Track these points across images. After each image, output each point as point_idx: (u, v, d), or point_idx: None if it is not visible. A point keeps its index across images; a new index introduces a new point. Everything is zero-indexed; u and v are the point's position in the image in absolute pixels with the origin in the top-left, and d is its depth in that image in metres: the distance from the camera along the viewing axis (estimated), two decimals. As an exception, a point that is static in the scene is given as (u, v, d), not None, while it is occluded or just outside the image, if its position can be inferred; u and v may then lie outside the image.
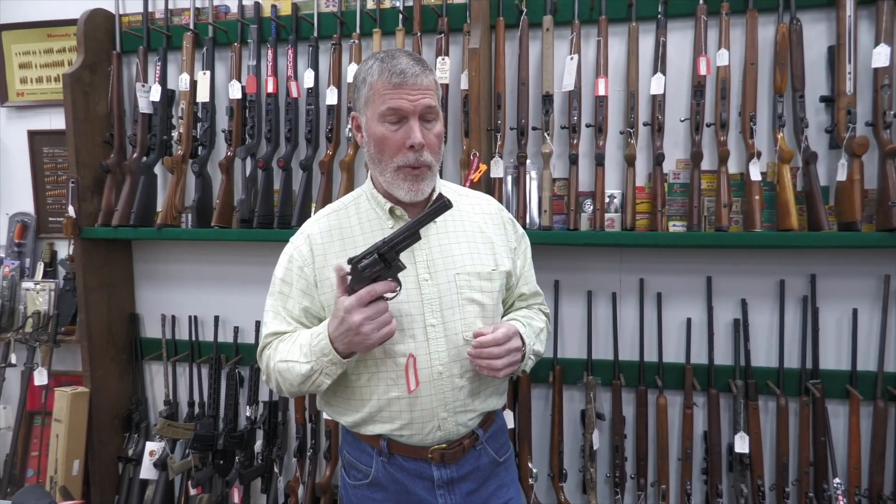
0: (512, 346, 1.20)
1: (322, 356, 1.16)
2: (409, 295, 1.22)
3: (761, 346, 1.92)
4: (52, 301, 2.40)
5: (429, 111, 1.19)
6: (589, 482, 1.96)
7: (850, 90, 1.72)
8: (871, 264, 1.84)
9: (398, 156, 1.19)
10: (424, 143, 1.18)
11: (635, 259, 2.00)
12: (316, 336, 1.18)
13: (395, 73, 1.17)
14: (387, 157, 1.21)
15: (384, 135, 1.19)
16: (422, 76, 1.18)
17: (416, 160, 1.19)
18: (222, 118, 2.21)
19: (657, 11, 1.87)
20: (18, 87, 2.48)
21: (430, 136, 1.20)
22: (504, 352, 1.19)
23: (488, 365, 1.18)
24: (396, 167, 1.20)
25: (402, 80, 1.16)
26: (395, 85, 1.17)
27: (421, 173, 1.21)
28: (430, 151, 1.21)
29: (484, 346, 1.18)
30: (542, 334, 1.38)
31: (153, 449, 2.27)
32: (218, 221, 2.13)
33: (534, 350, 1.32)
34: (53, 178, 2.48)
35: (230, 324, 2.32)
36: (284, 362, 1.22)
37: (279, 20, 2.13)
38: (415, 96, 1.17)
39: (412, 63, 1.19)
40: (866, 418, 1.82)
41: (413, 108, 1.17)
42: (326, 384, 1.21)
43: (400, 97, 1.17)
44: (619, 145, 1.96)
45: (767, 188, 1.84)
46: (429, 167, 1.22)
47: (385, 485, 1.28)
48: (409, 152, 1.18)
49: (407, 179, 1.21)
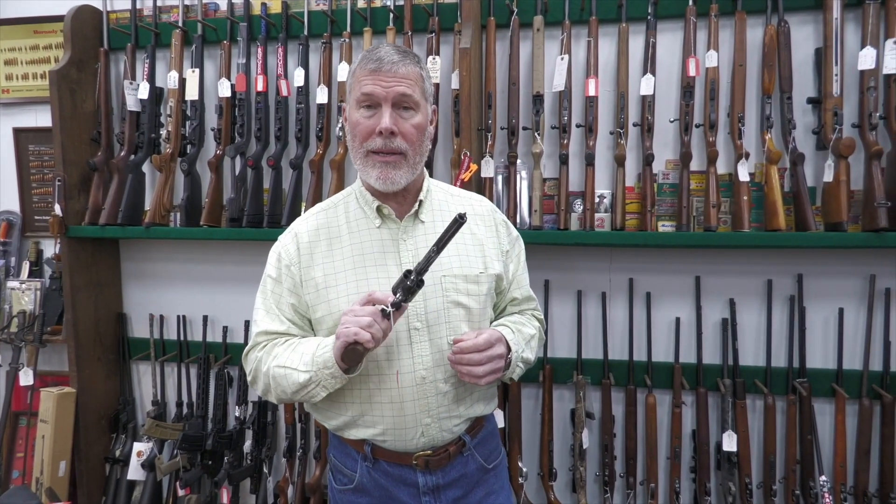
0: (494, 352, 1.17)
1: (324, 368, 1.15)
2: None
3: (749, 345, 1.94)
4: (38, 300, 2.37)
5: (404, 99, 1.17)
6: (578, 481, 1.97)
7: (836, 92, 1.74)
8: (857, 264, 1.86)
9: (368, 140, 1.18)
10: (395, 129, 1.16)
11: (625, 259, 2.01)
12: (322, 347, 1.17)
13: (371, 60, 1.17)
14: (358, 142, 1.20)
15: (357, 120, 1.19)
16: (400, 64, 1.17)
17: (385, 145, 1.17)
18: (211, 116, 2.19)
19: (647, 12, 1.88)
20: (4, 83, 2.45)
21: (404, 125, 1.18)
22: (485, 358, 1.16)
23: (469, 372, 1.16)
24: (366, 152, 1.19)
25: (377, 67, 1.16)
26: (371, 71, 1.16)
27: (392, 161, 1.18)
28: (406, 140, 1.18)
29: (464, 351, 1.15)
30: (532, 341, 1.35)
31: (141, 449, 2.25)
32: (207, 220, 2.11)
33: (522, 357, 1.29)
34: (39, 177, 2.45)
35: (219, 323, 2.30)
36: (282, 368, 1.20)
37: (269, 18, 2.12)
38: (388, 83, 1.16)
39: (392, 52, 1.18)
40: (852, 416, 1.84)
41: (385, 94, 1.16)
42: (321, 396, 1.19)
43: (374, 83, 1.16)
44: (609, 145, 1.97)
45: (755, 189, 1.86)
46: (403, 155, 1.19)
47: (370, 490, 1.26)
48: (377, 137, 1.17)
49: (376, 166, 1.19)
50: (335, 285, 1.23)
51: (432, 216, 1.29)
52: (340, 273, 1.23)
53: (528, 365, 1.34)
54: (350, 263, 1.23)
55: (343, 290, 1.22)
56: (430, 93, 1.25)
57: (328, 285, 1.23)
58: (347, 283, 1.22)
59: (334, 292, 1.22)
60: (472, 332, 1.20)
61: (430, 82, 1.25)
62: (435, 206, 1.31)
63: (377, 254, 1.24)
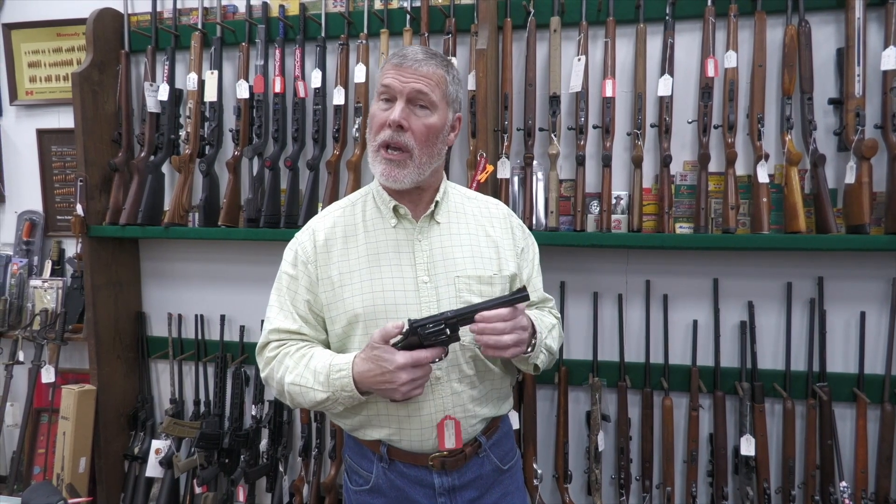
0: (518, 322, 1.13)
1: (342, 390, 1.16)
2: (406, 297, 1.21)
3: (768, 348, 1.92)
4: (60, 299, 2.41)
5: (419, 96, 1.18)
6: (594, 483, 1.96)
7: (858, 92, 1.71)
8: (880, 267, 1.83)
9: (380, 132, 1.19)
10: (404, 124, 1.16)
11: (642, 260, 2.00)
12: (336, 371, 1.17)
13: (398, 55, 1.20)
14: (373, 134, 1.21)
15: (374, 112, 1.21)
16: (423, 63, 1.18)
17: (392, 138, 1.17)
18: (230, 117, 2.21)
19: (665, 13, 1.87)
20: (28, 85, 2.49)
21: (416, 122, 1.18)
22: (510, 327, 1.11)
23: (495, 342, 1.10)
24: (377, 145, 1.20)
25: (400, 62, 1.18)
26: (394, 65, 1.19)
27: (397, 159, 1.18)
28: (414, 137, 1.18)
29: (488, 320, 1.10)
30: (553, 331, 1.34)
31: (159, 447, 2.28)
32: (225, 221, 2.13)
33: (546, 344, 1.26)
34: (62, 177, 2.49)
35: (236, 323, 2.32)
36: (297, 386, 1.20)
37: (287, 20, 2.14)
38: (407, 78, 1.17)
39: (420, 51, 1.20)
40: (873, 422, 1.81)
41: (402, 87, 1.17)
42: (339, 410, 1.22)
43: (394, 76, 1.18)
44: (626, 147, 1.96)
45: (775, 190, 1.83)
46: (409, 154, 1.18)
47: (385, 491, 1.26)
48: (387, 129, 1.17)
49: (382, 162, 1.19)
50: (349, 283, 1.23)
51: (448, 217, 1.29)
52: (355, 272, 1.24)
53: (550, 354, 1.31)
54: (365, 262, 1.24)
55: (357, 288, 1.22)
56: (454, 98, 1.24)
57: (343, 283, 1.24)
58: (362, 281, 1.22)
59: (349, 290, 1.23)
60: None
61: (457, 88, 1.25)
62: (451, 208, 1.31)
63: (392, 253, 1.24)
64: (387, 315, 1.20)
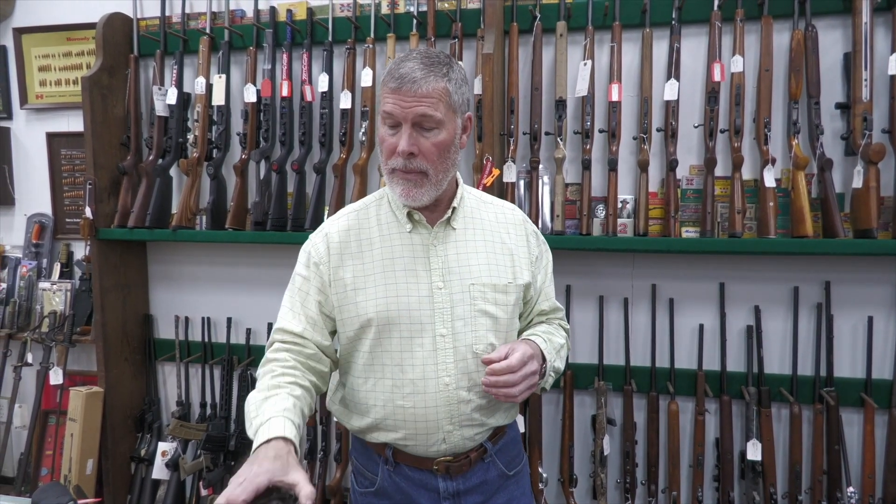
0: (528, 370, 1.15)
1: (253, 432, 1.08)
2: (420, 302, 1.20)
3: (774, 353, 1.92)
4: (68, 301, 2.43)
5: (424, 119, 1.14)
6: (599, 488, 1.95)
7: (866, 97, 1.71)
8: (887, 272, 1.82)
9: (391, 159, 1.18)
10: (413, 151, 1.14)
11: (648, 264, 2.00)
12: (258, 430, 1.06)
13: (394, 78, 1.14)
14: (384, 158, 1.20)
15: (383, 136, 1.19)
16: (422, 82, 1.12)
17: (405, 166, 1.16)
18: (237, 121, 2.23)
19: (671, 17, 1.87)
20: (38, 89, 2.52)
21: (425, 144, 1.15)
22: (520, 378, 1.14)
23: (505, 393, 1.14)
24: (390, 169, 1.19)
25: (398, 86, 1.13)
26: (392, 90, 1.14)
27: (413, 179, 1.17)
28: (426, 160, 1.16)
29: (498, 373, 1.12)
30: (562, 350, 1.34)
31: (165, 449, 2.29)
32: (232, 224, 2.14)
33: (554, 367, 1.28)
34: (71, 180, 2.51)
35: (243, 325, 2.33)
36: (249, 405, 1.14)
37: (294, 24, 2.15)
38: (408, 103, 1.13)
39: (417, 68, 1.14)
40: (881, 427, 1.81)
41: (404, 114, 1.14)
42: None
43: (394, 102, 1.14)
44: (633, 151, 1.96)
45: (782, 195, 1.83)
46: (424, 174, 1.17)
47: (391, 493, 1.26)
48: (398, 157, 1.16)
49: (399, 183, 1.18)
50: (364, 288, 1.22)
51: (464, 223, 1.28)
52: (370, 276, 1.23)
53: (557, 374, 1.33)
54: (380, 267, 1.23)
55: (371, 293, 1.22)
56: (460, 103, 1.21)
57: (357, 287, 1.23)
58: (376, 286, 1.22)
59: (363, 295, 1.22)
60: (502, 348, 1.17)
61: (461, 91, 1.20)
62: (467, 214, 1.30)
63: (407, 259, 1.23)
64: (400, 321, 1.20)
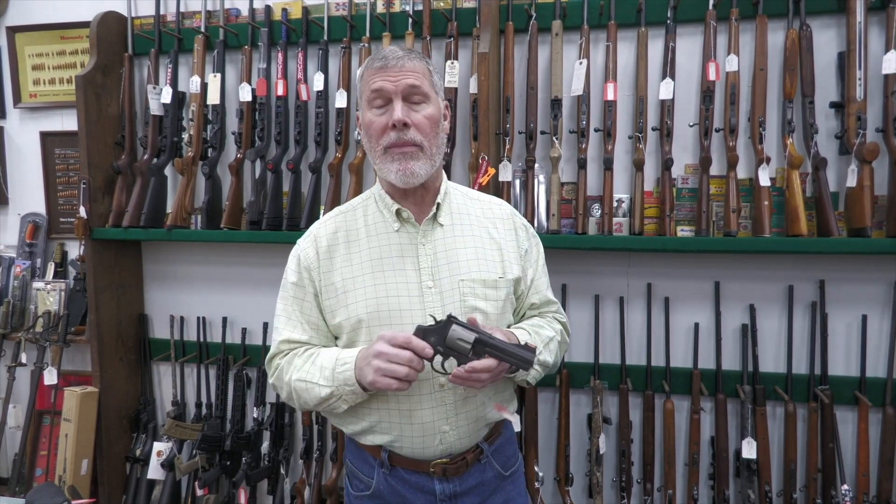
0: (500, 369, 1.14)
1: (345, 384, 1.16)
2: (411, 302, 1.20)
3: (769, 351, 1.92)
4: (63, 301, 2.42)
5: (413, 90, 1.18)
6: (595, 486, 1.96)
7: (860, 96, 1.72)
8: (881, 270, 1.83)
9: (383, 137, 1.18)
10: (408, 121, 1.16)
11: (643, 263, 2.00)
12: (341, 364, 1.17)
13: (377, 59, 1.19)
14: (374, 140, 1.20)
15: (370, 120, 1.20)
16: (405, 59, 1.18)
17: (399, 138, 1.17)
18: (232, 120, 2.22)
19: (666, 16, 1.87)
20: (31, 88, 2.50)
21: (417, 117, 1.18)
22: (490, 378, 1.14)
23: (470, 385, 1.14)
24: (383, 149, 1.18)
25: (384, 64, 1.17)
26: (378, 69, 1.18)
27: (409, 151, 1.18)
28: (420, 132, 1.18)
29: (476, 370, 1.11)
30: (551, 343, 1.32)
31: (161, 449, 2.28)
32: (227, 223, 2.14)
33: (539, 360, 1.25)
34: (65, 179, 2.50)
35: (238, 325, 2.33)
36: (303, 382, 1.20)
37: (289, 23, 2.14)
38: (397, 77, 1.17)
39: (396, 49, 1.20)
40: (875, 425, 1.81)
41: (395, 87, 1.17)
42: (343, 409, 1.20)
43: (382, 79, 1.17)
44: (628, 150, 1.97)
45: (776, 193, 1.84)
46: (419, 147, 1.18)
47: (387, 497, 1.25)
48: (391, 131, 1.17)
49: (395, 160, 1.18)
50: (353, 289, 1.23)
51: (451, 219, 1.28)
52: (359, 277, 1.23)
53: (546, 368, 1.31)
54: (368, 267, 1.23)
55: (361, 294, 1.22)
56: (439, 87, 1.26)
57: (346, 289, 1.23)
58: (366, 286, 1.22)
59: (352, 296, 1.22)
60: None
61: (438, 77, 1.26)
62: (454, 210, 1.30)
63: (395, 258, 1.23)
64: (391, 320, 1.19)
